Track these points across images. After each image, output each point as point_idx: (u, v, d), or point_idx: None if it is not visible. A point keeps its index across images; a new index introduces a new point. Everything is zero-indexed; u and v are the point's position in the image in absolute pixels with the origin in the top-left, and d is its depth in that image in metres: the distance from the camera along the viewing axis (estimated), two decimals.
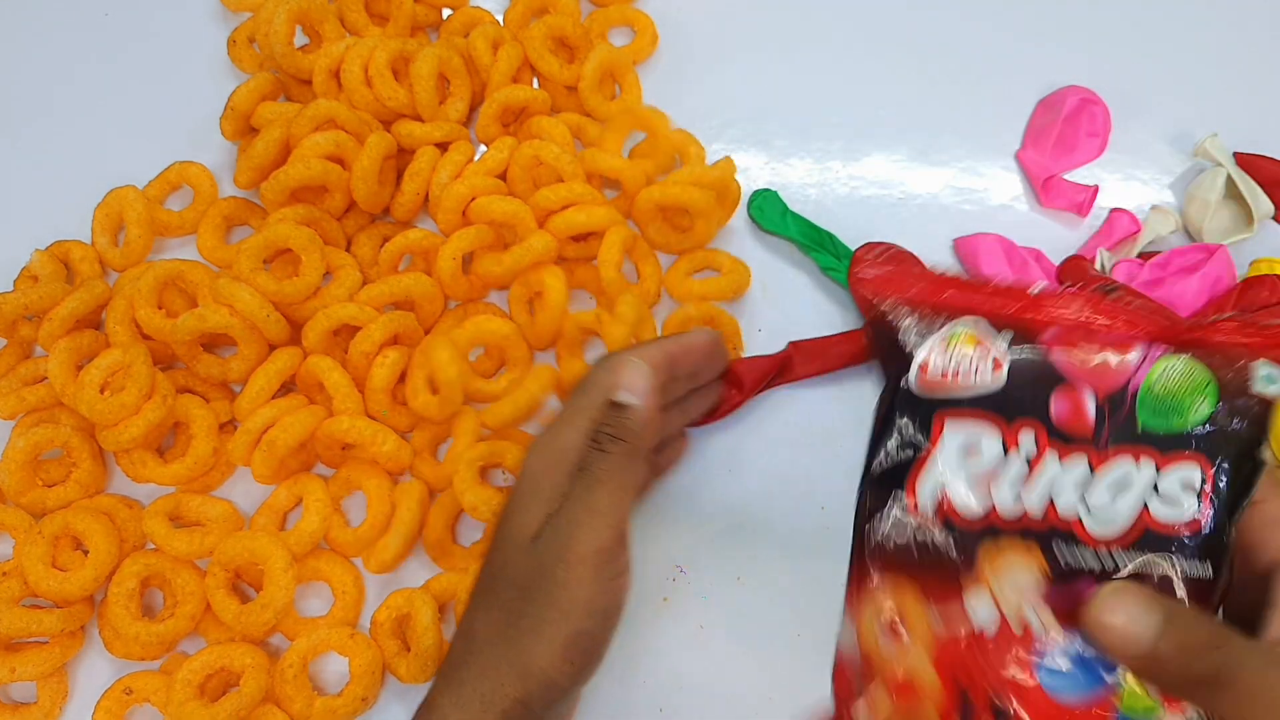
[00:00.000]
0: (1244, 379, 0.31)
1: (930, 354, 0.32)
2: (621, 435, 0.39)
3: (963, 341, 0.32)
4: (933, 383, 0.32)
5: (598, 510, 0.38)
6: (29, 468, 0.52)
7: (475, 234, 0.56)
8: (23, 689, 0.52)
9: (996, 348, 0.32)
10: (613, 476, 0.39)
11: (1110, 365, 0.32)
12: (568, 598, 0.37)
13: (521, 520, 0.39)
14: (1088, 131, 0.64)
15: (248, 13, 0.67)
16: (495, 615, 0.39)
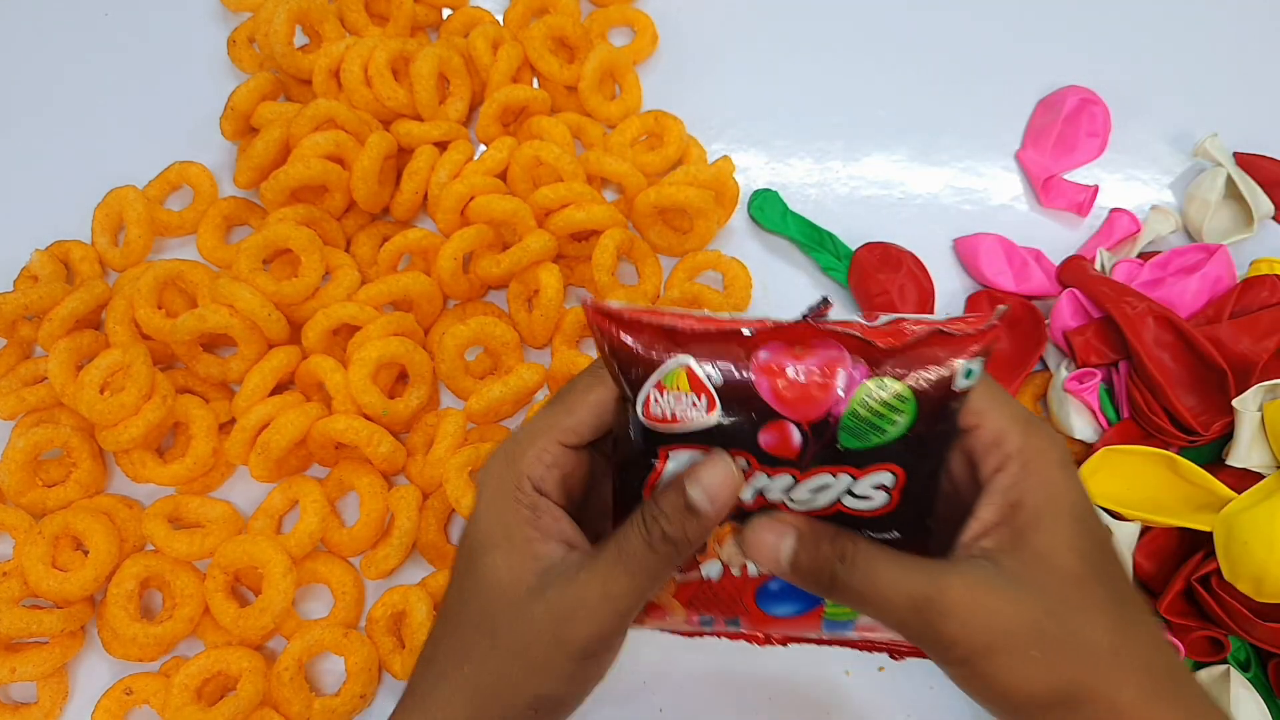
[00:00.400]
0: (946, 382, 0.34)
1: (650, 394, 0.34)
2: (676, 539, 0.34)
3: (678, 382, 0.34)
4: (655, 419, 0.34)
5: (614, 598, 0.34)
6: (29, 468, 0.52)
7: (475, 234, 0.56)
8: (23, 689, 0.52)
9: (710, 386, 0.34)
10: (646, 573, 0.34)
11: (814, 397, 0.34)
12: (546, 665, 0.35)
13: (507, 570, 0.36)
14: (1088, 131, 0.64)
15: (248, 13, 0.67)
16: (456, 646, 0.37)
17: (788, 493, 0.35)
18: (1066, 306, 0.56)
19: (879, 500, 0.35)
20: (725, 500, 0.34)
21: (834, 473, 0.34)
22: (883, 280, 0.58)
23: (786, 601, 0.37)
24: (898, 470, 0.34)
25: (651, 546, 0.34)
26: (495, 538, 0.36)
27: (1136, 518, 0.47)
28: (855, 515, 0.35)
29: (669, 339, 0.35)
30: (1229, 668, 0.47)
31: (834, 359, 0.34)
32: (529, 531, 0.36)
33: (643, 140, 0.63)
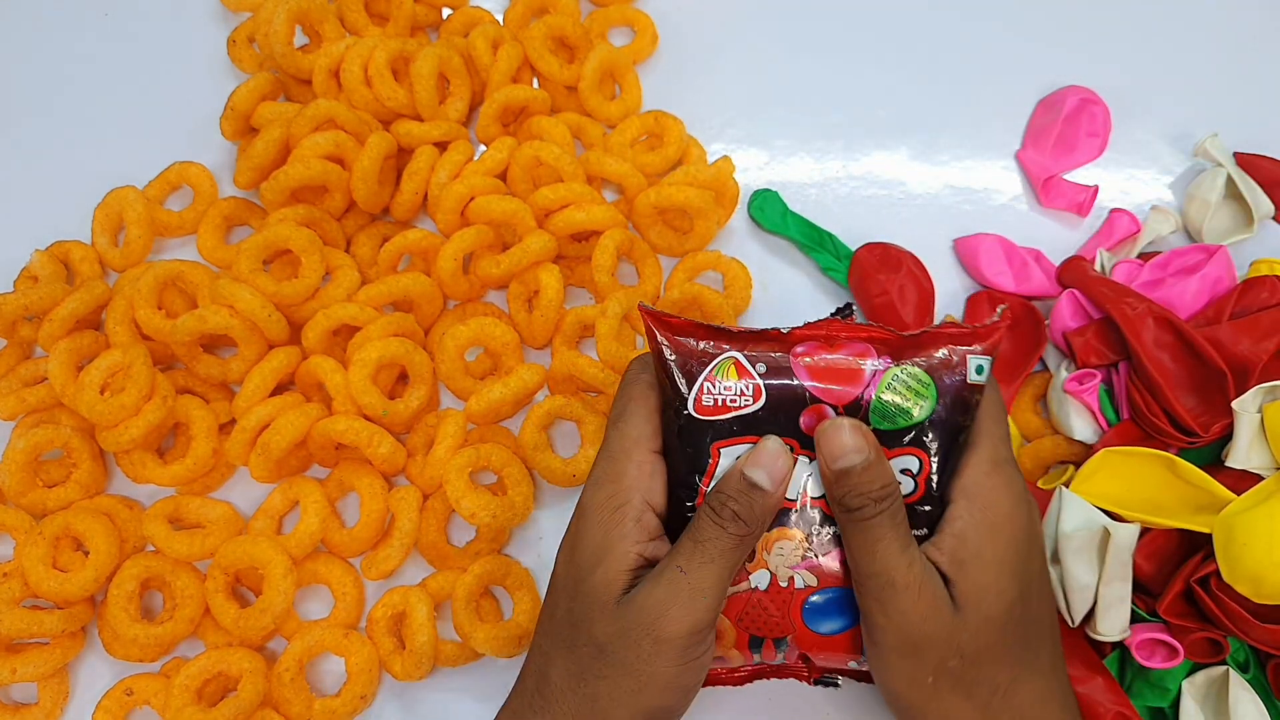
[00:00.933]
0: (961, 376, 0.38)
1: (702, 385, 0.38)
2: (745, 517, 0.37)
3: (728, 372, 0.38)
4: (706, 409, 0.38)
5: (700, 590, 0.36)
6: (29, 468, 0.52)
7: (475, 234, 0.56)
8: (24, 690, 0.52)
9: (755, 375, 0.38)
10: (723, 556, 0.37)
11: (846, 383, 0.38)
12: (649, 673, 0.36)
13: (602, 574, 0.37)
14: (1088, 131, 0.64)
15: (248, 13, 0.67)
16: (573, 668, 0.38)
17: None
18: (1066, 307, 0.56)
19: (907, 487, 0.38)
20: (781, 475, 0.37)
21: None
22: (883, 280, 0.58)
23: (832, 617, 0.39)
24: (923, 456, 0.38)
25: (723, 527, 0.37)
26: (599, 553, 0.38)
27: (1136, 519, 0.47)
28: None
29: (718, 337, 0.39)
30: (1228, 669, 0.47)
31: (862, 350, 0.39)
32: (631, 546, 0.38)
33: (643, 140, 0.63)
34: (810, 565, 0.39)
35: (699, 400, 0.38)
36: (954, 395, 0.38)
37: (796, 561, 0.39)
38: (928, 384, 0.38)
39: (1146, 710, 0.48)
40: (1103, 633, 0.47)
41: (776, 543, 0.39)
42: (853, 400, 0.38)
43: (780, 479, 0.37)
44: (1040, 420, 0.56)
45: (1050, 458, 0.54)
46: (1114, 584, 0.46)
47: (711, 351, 0.39)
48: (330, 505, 0.53)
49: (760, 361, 0.38)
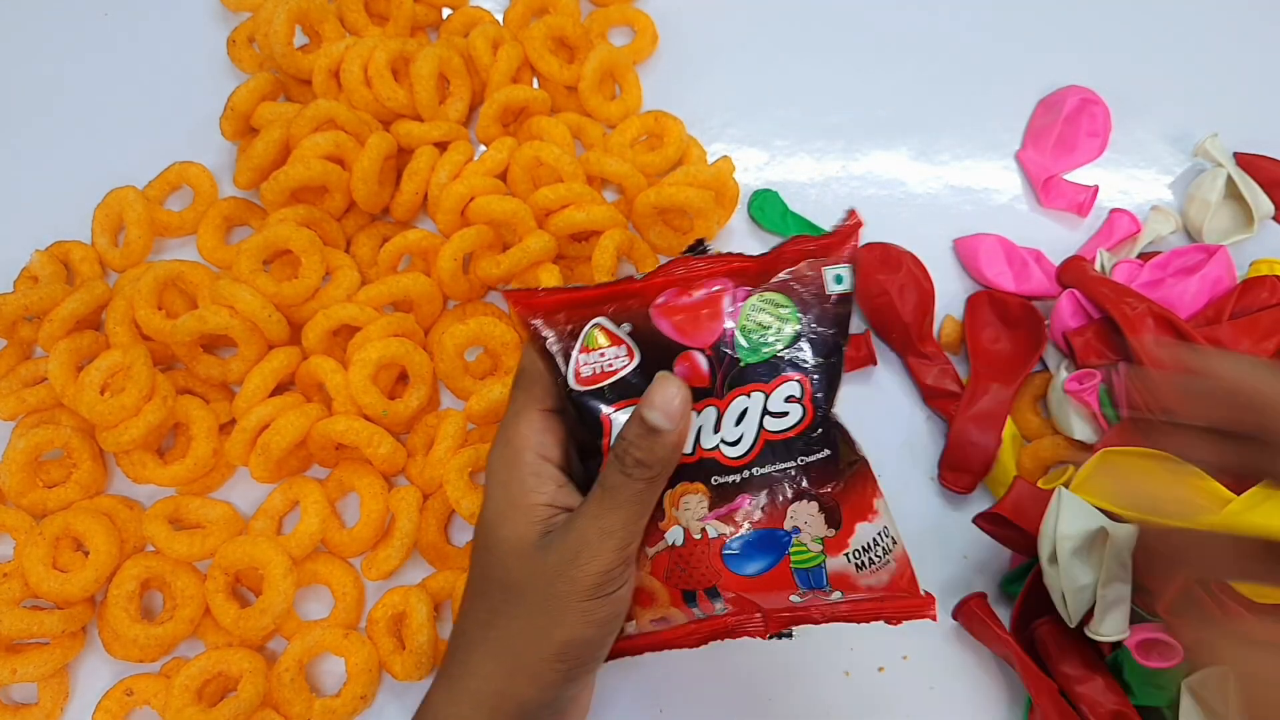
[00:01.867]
0: (819, 289, 0.39)
1: (577, 360, 0.39)
2: (648, 461, 0.37)
3: (597, 340, 0.39)
4: (586, 380, 0.39)
5: (610, 532, 0.37)
6: (29, 469, 0.52)
7: (475, 234, 0.56)
8: (24, 690, 0.52)
9: (624, 337, 0.39)
10: (632, 501, 0.38)
11: (708, 324, 0.39)
12: (561, 609, 0.37)
13: (510, 528, 0.39)
14: (1088, 131, 0.64)
15: (248, 13, 0.67)
16: (484, 616, 0.39)
17: (718, 433, 0.39)
18: (1066, 307, 0.56)
19: (795, 414, 0.39)
20: (679, 412, 0.38)
21: (746, 393, 0.39)
22: (883, 280, 0.58)
23: (752, 559, 0.39)
24: (801, 379, 0.39)
25: (628, 474, 0.37)
26: (503, 511, 0.39)
27: (1136, 519, 0.47)
28: (783, 439, 0.39)
29: (581, 304, 0.39)
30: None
31: (718, 288, 0.39)
32: (533, 497, 0.39)
33: (643, 140, 0.63)
34: (718, 514, 0.39)
35: (578, 373, 0.39)
36: (817, 311, 0.39)
37: (704, 513, 0.39)
38: (786, 305, 0.39)
39: (1146, 710, 0.48)
40: (1102, 633, 0.47)
41: (682, 498, 0.39)
42: (717, 339, 0.39)
43: (677, 415, 0.37)
44: (1040, 420, 0.56)
45: (1050, 458, 0.54)
46: (1113, 584, 0.46)
47: (579, 324, 0.39)
48: (330, 505, 0.53)
49: (625, 320, 0.39)
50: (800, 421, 0.39)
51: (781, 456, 0.39)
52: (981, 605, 0.51)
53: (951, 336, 0.58)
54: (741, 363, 0.39)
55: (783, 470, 0.39)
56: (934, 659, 0.52)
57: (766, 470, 0.39)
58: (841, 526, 0.39)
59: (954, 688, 0.51)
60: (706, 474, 0.39)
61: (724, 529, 0.39)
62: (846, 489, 0.39)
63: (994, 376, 0.56)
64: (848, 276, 0.39)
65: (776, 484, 0.39)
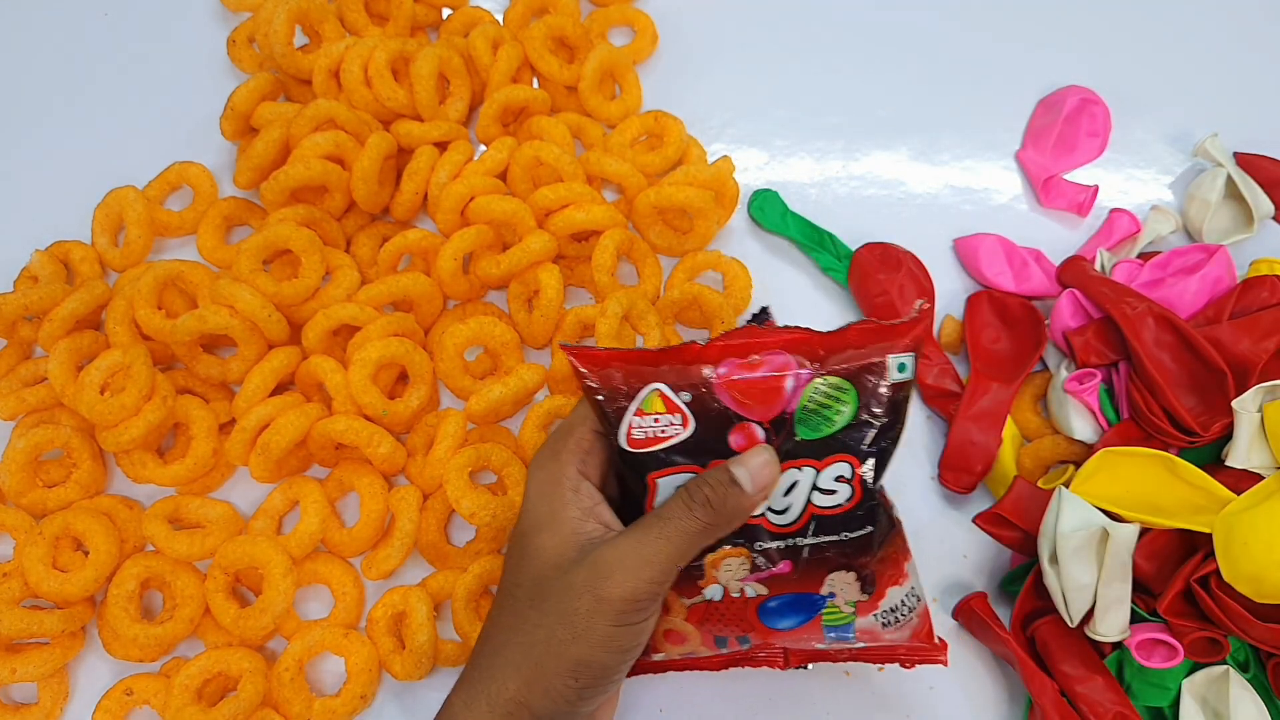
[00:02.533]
0: (880, 376, 0.39)
1: (630, 422, 0.39)
2: (717, 507, 0.38)
3: (654, 405, 0.39)
4: (638, 443, 0.39)
5: (649, 561, 0.37)
6: (29, 468, 0.52)
7: (475, 234, 0.56)
8: (24, 690, 0.52)
9: (682, 405, 0.39)
10: (683, 538, 0.38)
11: (769, 401, 0.39)
12: (585, 627, 0.37)
13: (547, 539, 0.39)
14: (1088, 131, 0.64)
15: (248, 13, 0.67)
16: (510, 621, 0.39)
17: (767, 501, 0.39)
18: (1066, 307, 0.56)
19: (843, 494, 0.39)
20: (764, 482, 0.38)
21: (799, 466, 0.39)
22: (883, 280, 0.58)
23: (786, 616, 0.41)
24: (852, 460, 0.39)
25: (691, 509, 0.38)
26: (542, 521, 0.39)
27: (1136, 519, 0.47)
28: (829, 516, 0.40)
29: (640, 366, 0.40)
30: (1228, 668, 0.47)
31: (783, 364, 0.39)
32: (572, 512, 0.39)
33: (643, 140, 0.63)
34: (758, 578, 0.40)
35: (629, 435, 0.39)
36: (876, 396, 0.39)
37: (744, 575, 0.40)
38: (848, 390, 0.39)
39: (1146, 710, 0.48)
40: (1102, 633, 0.47)
41: (723, 560, 0.40)
42: (777, 415, 0.39)
43: (762, 485, 0.38)
44: (1040, 420, 0.56)
45: (1050, 458, 0.54)
46: (1113, 584, 0.46)
47: (636, 385, 0.39)
48: (330, 505, 0.53)
49: (684, 390, 0.39)
50: (848, 500, 0.40)
51: (826, 530, 0.40)
52: (981, 605, 0.51)
53: (951, 336, 0.58)
54: (798, 438, 0.39)
55: (825, 543, 0.40)
56: None
57: (810, 541, 0.40)
58: (875, 591, 0.41)
59: (954, 688, 0.51)
60: (750, 539, 0.40)
61: (762, 590, 0.40)
62: (883, 558, 0.41)
63: (994, 376, 0.56)
64: (910, 365, 0.39)
65: (817, 554, 0.40)
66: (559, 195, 0.57)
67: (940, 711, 0.51)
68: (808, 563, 0.40)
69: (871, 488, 0.40)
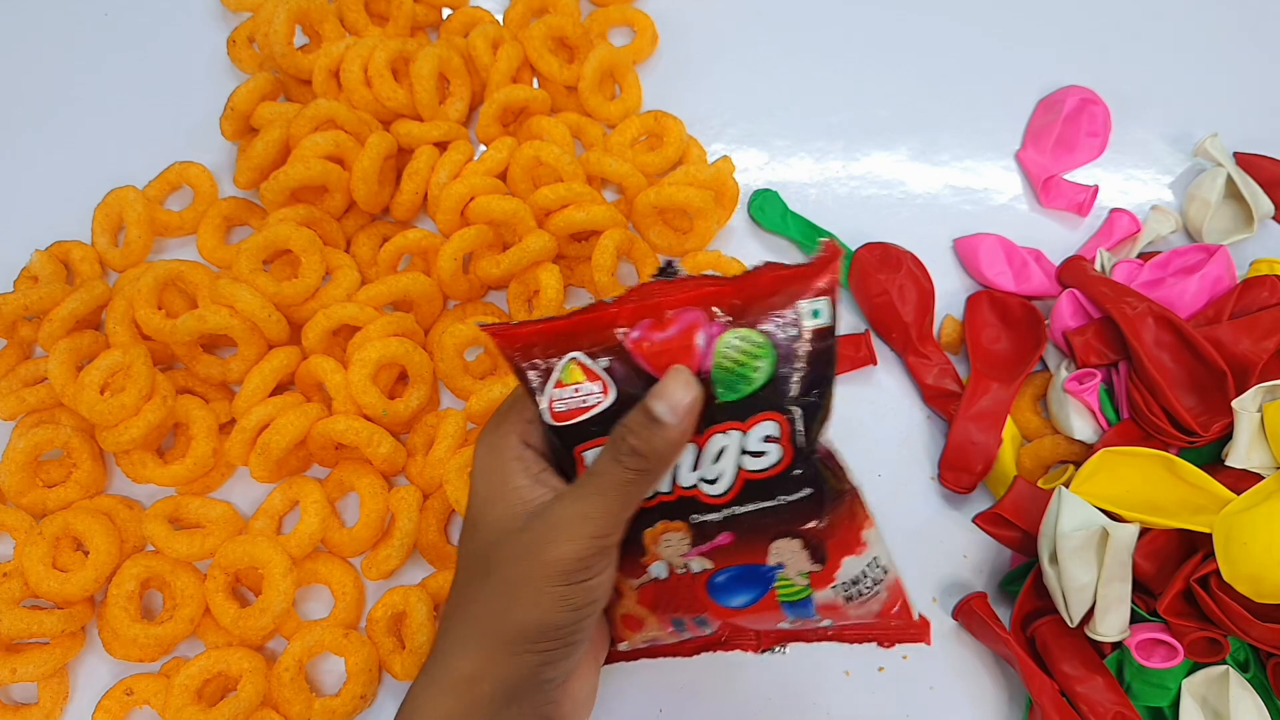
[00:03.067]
0: (796, 324, 0.36)
1: (552, 395, 0.38)
2: (643, 451, 0.36)
3: (574, 375, 0.38)
4: (562, 415, 0.38)
5: (588, 517, 0.36)
6: (29, 468, 0.52)
7: (475, 234, 0.56)
8: (24, 690, 0.52)
9: (600, 372, 0.37)
10: (619, 489, 0.36)
11: (682, 358, 0.37)
12: (533, 590, 0.36)
13: (497, 511, 0.38)
14: (1088, 131, 0.64)
15: (248, 13, 0.67)
16: (460, 598, 0.39)
17: (697, 471, 0.38)
18: (1066, 307, 0.56)
19: (773, 455, 0.37)
20: (686, 409, 0.36)
21: (724, 430, 0.37)
22: (883, 280, 0.58)
23: (736, 592, 0.39)
24: (779, 418, 0.37)
25: (619, 461, 0.36)
26: (491, 494, 0.39)
27: (1135, 519, 0.47)
28: (762, 479, 0.37)
29: (556, 341, 0.38)
30: (1228, 668, 0.47)
31: (692, 321, 0.37)
32: (518, 480, 0.38)
33: (643, 140, 0.63)
34: (700, 551, 0.39)
35: (552, 409, 0.38)
36: (794, 347, 0.37)
37: (686, 550, 0.39)
38: (762, 344, 0.37)
39: (1146, 710, 0.48)
40: (1102, 633, 0.47)
41: (663, 535, 0.39)
42: (696, 375, 0.37)
43: (684, 411, 0.36)
44: (1040, 420, 0.56)
45: (1050, 458, 0.54)
46: (1113, 584, 0.46)
47: (552, 361, 0.38)
48: (330, 505, 0.53)
49: (601, 356, 0.37)
50: (779, 461, 0.37)
51: (762, 495, 0.38)
52: (982, 605, 0.51)
53: (951, 336, 0.58)
54: (717, 400, 0.37)
55: (763, 509, 0.38)
56: (934, 659, 0.52)
57: (747, 509, 0.38)
58: (827, 561, 0.38)
59: (954, 688, 0.51)
60: (686, 512, 0.38)
61: (706, 564, 0.39)
62: (832, 524, 0.38)
63: (994, 376, 0.56)
64: (826, 310, 0.36)
65: (757, 522, 0.38)
66: (559, 195, 0.57)
67: (940, 711, 0.51)
68: (748, 531, 0.38)
69: (804, 447, 0.37)
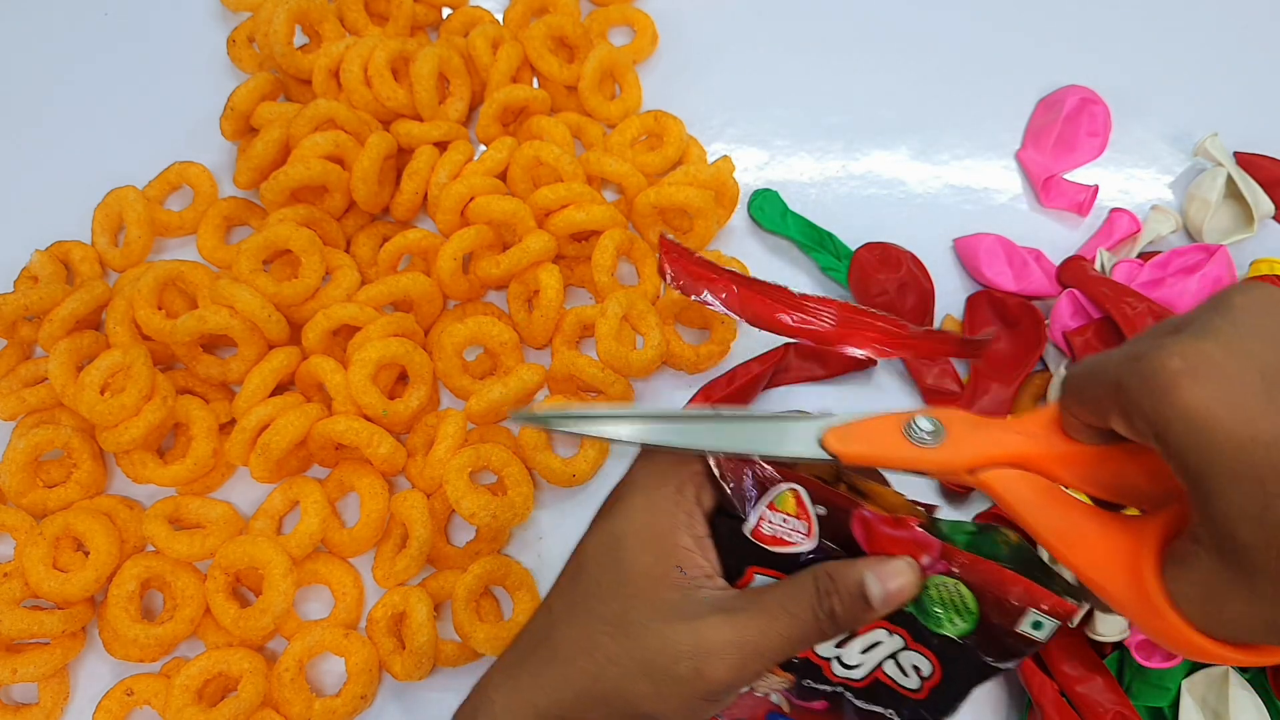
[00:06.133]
0: (1009, 621, 0.35)
1: (763, 513, 0.36)
2: (840, 620, 0.34)
3: (787, 505, 0.36)
4: (765, 538, 0.36)
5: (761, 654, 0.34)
6: (30, 469, 0.52)
7: (475, 234, 0.56)
8: (24, 690, 0.52)
9: (813, 515, 0.36)
10: (801, 639, 0.34)
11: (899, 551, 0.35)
12: (674, 693, 0.34)
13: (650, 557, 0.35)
14: (1088, 131, 0.64)
15: (248, 13, 0.67)
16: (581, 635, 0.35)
17: (839, 649, 0.37)
18: (1066, 306, 0.56)
19: (913, 683, 0.36)
20: (900, 603, 0.34)
21: (889, 630, 0.36)
22: (883, 280, 0.58)
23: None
24: (936, 664, 0.36)
25: (818, 618, 0.34)
26: (646, 535, 0.35)
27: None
28: (891, 688, 0.37)
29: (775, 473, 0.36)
30: (1228, 668, 0.47)
31: (925, 542, 0.35)
32: (682, 539, 0.35)
33: (643, 140, 0.63)
34: (788, 698, 0.39)
35: (758, 530, 0.36)
36: (995, 635, 0.35)
37: (779, 689, 0.39)
38: (972, 611, 0.35)
39: (1146, 710, 0.48)
40: (1101, 633, 0.47)
41: (769, 672, 0.37)
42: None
43: (895, 604, 0.34)
44: None
45: None
46: None
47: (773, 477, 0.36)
48: (330, 505, 0.53)
49: (820, 503, 0.36)
50: (914, 691, 0.37)
51: (881, 702, 0.37)
52: None
53: None
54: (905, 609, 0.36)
55: (872, 711, 0.38)
56: None
57: (859, 702, 0.38)
58: None
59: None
60: (802, 672, 0.38)
61: (784, 704, 0.39)
62: None
63: (994, 376, 0.56)
64: (1048, 626, 0.35)
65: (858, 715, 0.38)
66: (559, 195, 0.57)
67: None
68: (842, 715, 0.38)
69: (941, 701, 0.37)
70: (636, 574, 0.35)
